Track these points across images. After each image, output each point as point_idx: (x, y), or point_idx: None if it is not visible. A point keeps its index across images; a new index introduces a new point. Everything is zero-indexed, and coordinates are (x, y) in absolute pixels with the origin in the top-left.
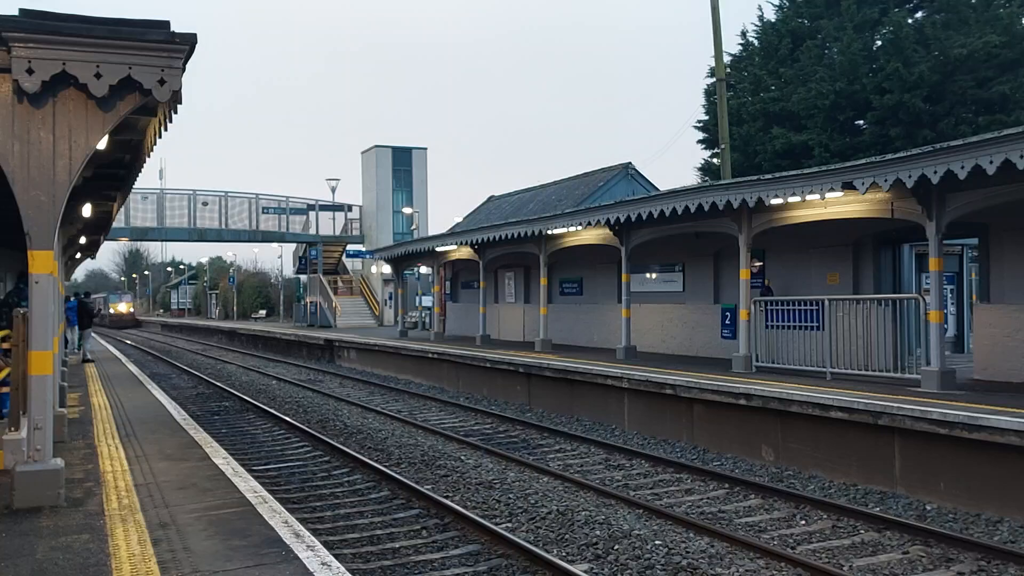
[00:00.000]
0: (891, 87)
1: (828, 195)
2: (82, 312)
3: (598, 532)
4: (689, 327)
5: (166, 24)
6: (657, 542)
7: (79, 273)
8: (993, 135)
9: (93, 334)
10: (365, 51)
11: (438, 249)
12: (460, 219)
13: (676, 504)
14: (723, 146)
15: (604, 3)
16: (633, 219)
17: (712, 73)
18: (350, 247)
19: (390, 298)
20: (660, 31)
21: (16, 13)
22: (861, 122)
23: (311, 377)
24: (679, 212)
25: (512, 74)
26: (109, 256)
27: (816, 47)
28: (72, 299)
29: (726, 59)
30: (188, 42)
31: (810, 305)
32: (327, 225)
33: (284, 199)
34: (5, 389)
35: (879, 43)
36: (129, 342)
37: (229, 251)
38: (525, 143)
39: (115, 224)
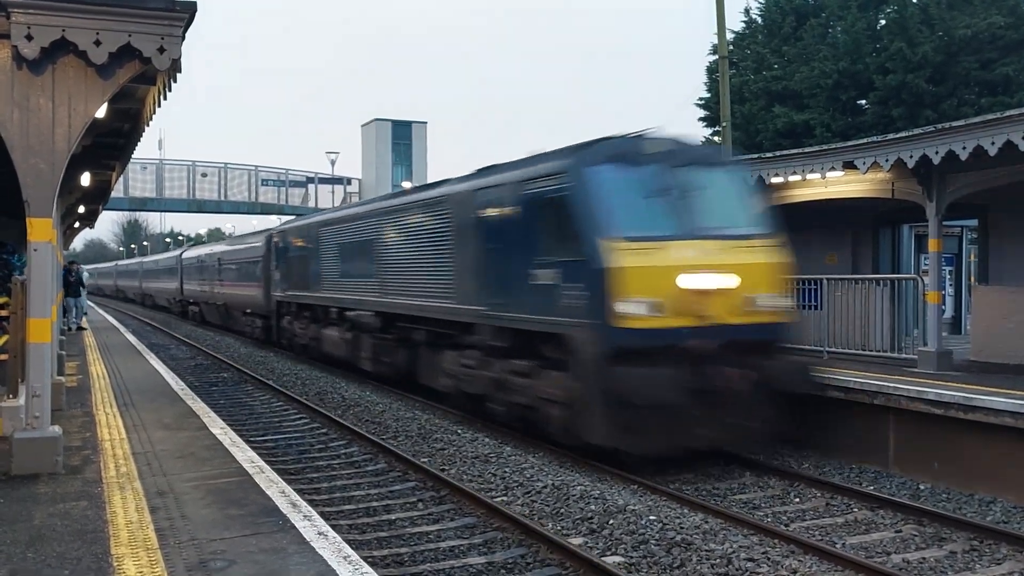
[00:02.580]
0: (894, 67)
1: (829, 174)
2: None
3: (593, 507)
4: None
5: None
6: (651, 517)
7: (77, 242)
8: (995, 116)
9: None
10: (367, 25)
11: None
12: None
13: (670, 480)
14: (724, 124)
15: None
16: None
17: (715, 50)
18: None
19: None
20: (664, 6)
21: None
22: (863, 102)
23: None
24: None
25: (514, 50)
26: (108, 226)
27: (820, 26)
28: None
29: (729, 36)
30: (188, 10)
31: (808, 284)
32: (326, 198)
33: (283, 171)
34: (3, 357)
35: (883, 22)
36: (129, 312)
37: (228, 223)
38: (525, 119)
39: (114, 194)
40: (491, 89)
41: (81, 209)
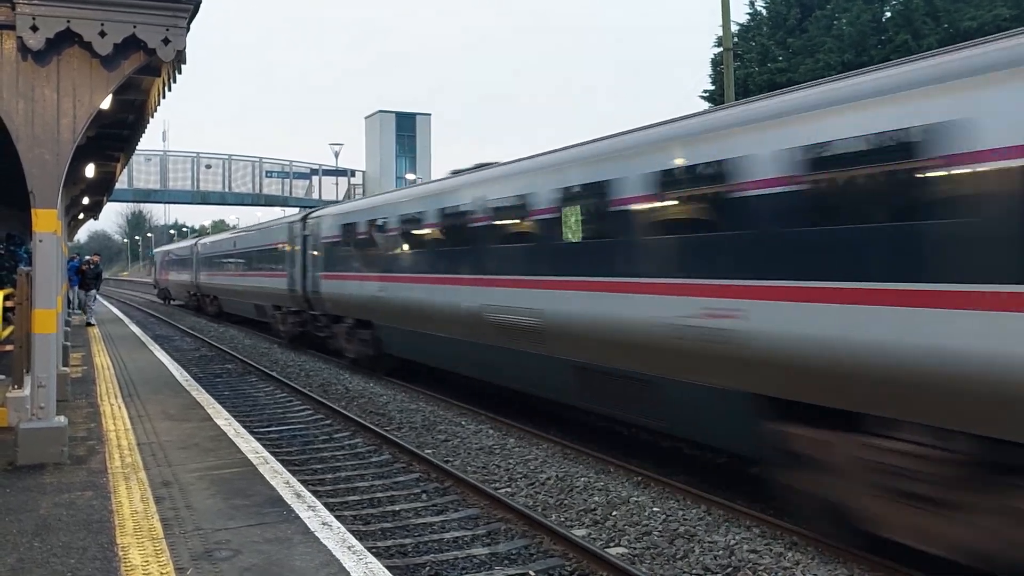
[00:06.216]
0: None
1: None
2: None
3: (596, 498)
4: None
5: None
6: (655, 509)
7: (82, 234)
8: None
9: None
10: (372, 22)
11: None
12: None
13: (675, 472)
14: None
15: None
16: None
17: (719, 43)
18: None
19: None
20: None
21: None
22: None
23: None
24: None
25: (513, 43)
26: (112, 218)
27: (825, 17)
28: (75, 259)
29: (733, 28)
30: (192, 1)
31: None
32: (330, 190)
33: (288, 163)
34: (9, 348)
35: (888, 15)
36: (133, 303)
37: (232, 214)
38: (527, 111)
39: (118, 185)
40: (498, 86)
41: (85, 200)
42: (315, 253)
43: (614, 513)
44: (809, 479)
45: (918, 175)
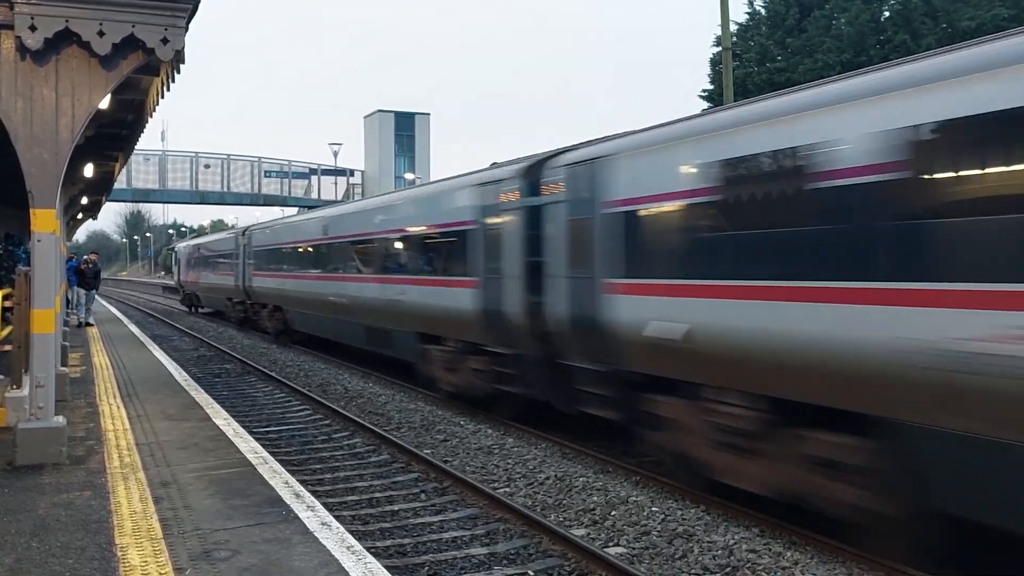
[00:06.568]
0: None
1: None
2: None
3: (595, 498)
4: None
5: None
6: (654, 509)
7: (80, 234)
8: None
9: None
10: (373, 22)
11: None
12: None
13: (673, 471)
14: None
15: None
16: None
17: (718, 42)
18: None
19: None
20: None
21: None
22: None
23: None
24: None
25: (513, 42)
26: (111, 218)
27: (824, 17)
28: (74, 259)
29: (732, 28)
30: (191, 1)
31: None
32: (329, 190)
33: (286, 163)
34: (8, 348)
35: (887, 14)
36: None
37: (231, 214)
38: (527, 110)
39: (117, 185)
40: (498, 86)
41: (84, 200)
42: (605, 236)
43: (613, 513)
44: None
45: None
